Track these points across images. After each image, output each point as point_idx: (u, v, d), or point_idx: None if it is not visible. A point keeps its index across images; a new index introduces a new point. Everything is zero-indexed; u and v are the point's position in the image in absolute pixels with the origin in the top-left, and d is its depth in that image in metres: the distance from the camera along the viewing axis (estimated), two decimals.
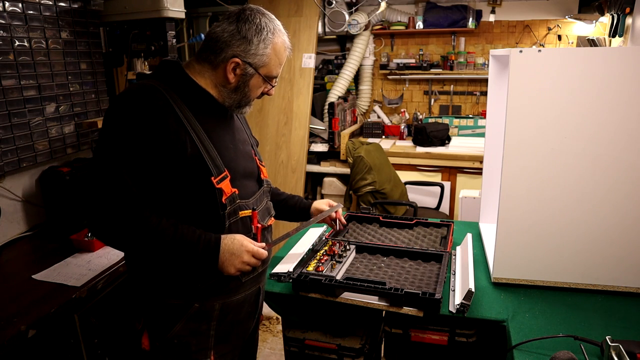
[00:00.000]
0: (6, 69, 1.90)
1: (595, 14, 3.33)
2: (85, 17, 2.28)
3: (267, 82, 1.27)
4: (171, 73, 1.24)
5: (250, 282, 1.34)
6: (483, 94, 4.06)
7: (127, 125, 1.14)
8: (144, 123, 1.13)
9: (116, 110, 1.17)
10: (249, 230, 1.30)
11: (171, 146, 1.15)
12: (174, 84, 1.22)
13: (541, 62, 1.32)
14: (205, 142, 1.20)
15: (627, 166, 1.34)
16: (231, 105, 1.28)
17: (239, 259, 1.21)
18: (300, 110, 3.58)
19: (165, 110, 1.16)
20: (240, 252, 1.21)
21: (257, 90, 1.28)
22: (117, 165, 1.12)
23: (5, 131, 1.91)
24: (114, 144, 1.14)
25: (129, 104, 1.16)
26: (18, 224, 2.06)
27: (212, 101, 1.26)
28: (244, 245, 1.21)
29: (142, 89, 1.18)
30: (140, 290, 1.30)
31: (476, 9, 3.83)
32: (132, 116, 1.14)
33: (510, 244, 1.46)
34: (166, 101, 1.17)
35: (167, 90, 1.19)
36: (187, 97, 1.21)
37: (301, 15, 3.64)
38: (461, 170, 3.52)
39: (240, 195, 1.26)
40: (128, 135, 1.13)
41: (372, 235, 1.88)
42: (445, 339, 1.47)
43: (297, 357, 1.64)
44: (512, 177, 1.41)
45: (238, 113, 1.34)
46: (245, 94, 1.27)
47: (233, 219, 1.25)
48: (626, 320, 1.30)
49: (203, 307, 1.26)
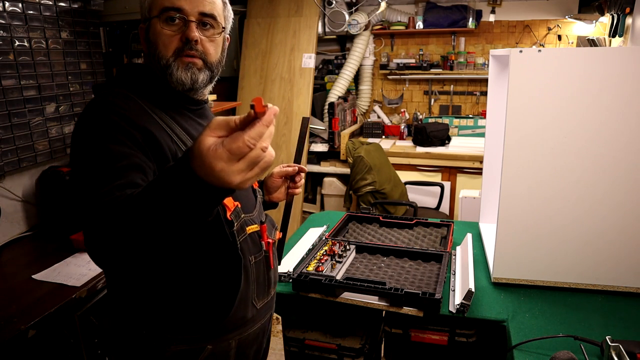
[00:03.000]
0: (6, 69, 1.90)
1: (595, 14, 3.33)
2: (85, 17, 2.28)
3: (166, 21, 0.97)
4: (136, 76, 1.03)
5: (265, 309, 1.15)
6: (483, 94, 4.06)
7: (108, 143, 0.86)
8: (126, 136, 0.88)
9: (88, 131, 0.89)
10: (259, 247, 1.10)
11: (162, 156, 0.93)
12: (142, 88, 1.01)
13: (541, 62, 1.32)
14: None
15: (627, 166, 1.34)
16: (174, 80, 0.99)
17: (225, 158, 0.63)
18: (300, 111, 3.58)
19: (147, 120, 0.94)
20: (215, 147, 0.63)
21: (166, 39, 0.98)
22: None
23: (5, 131, 1.91)
24: (94, 172, 0.84)
25: (103, 119, 0.89)
26: (18, 224, 2.06)
27: (183, 98, 1.04)
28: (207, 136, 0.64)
29: (110, 98, 0.94)
30: (132, 342, 1.02)
31: (476, 9, 3.83)
32: (112, 133, 0.87)
33: (510, 244, 1.46)
34: (142, 109, 0.96)
35: (140, 97, 0.98)
36: (160, 101, 1.01)
37: (301, 15, 3.64)
38: (461, 170, 3.52)
39: (243, 208, 1.07)
40: (112, 154, 0.85)
41: (372, 235, 1.88)
42: (445, 339, 1.46)
43: (297, 357, 1.64)
44: (512, 177, 1.41)
45: (192, 92, 1.04)
46: (155, 49, 0.99)
47: (242, 237, 1.04)
48: (626, 320, 1.30)
49: (217, 348, 1.03)
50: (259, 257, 1.09)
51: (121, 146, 0.86)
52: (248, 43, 3.73)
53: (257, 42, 3.71)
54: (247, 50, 3.73)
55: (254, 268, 1.08)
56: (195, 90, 1.05)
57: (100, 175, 0.82)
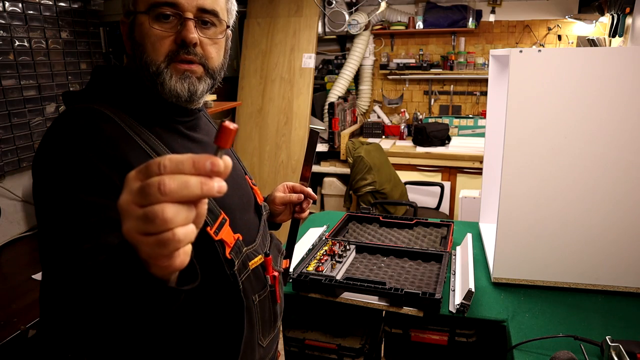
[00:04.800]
0: (6, 69, 1.90)
1: (595, 14, 3.33)
2: (85, 17, 2.28)
3: (157, 18, 0.79)
4: (116, 84, 0.85)
5: (271, 343, 1.01)
6: (483, 94, 4.06)
7: (78, 191, 0.71)
8: (100, 179, 0.72)
9: (56, 171, 0.73)
10: (264, 282, 0.94)
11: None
12: (123, 100, 0.83)
13: (541, 62, 1.32)
14: None
15: (627, 166, 1.34)
16: (166, 91, 0.82)
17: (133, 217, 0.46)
18: (300, 110, 3.58)
19: (127, 146, 0.77)
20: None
21: (156, 40, 0.80)
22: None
23: (5, 131, 1.92)
24: (67, 207, 0.70)
25: (73, 155, 0.72)
26: (18, 224, 2.06)
27: (173, 110, 0.87)
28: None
29: (83, 115, 0.77)
30: None
31: (476, 9, 3.83)
32: (83, 176, 0.72)
33: (510, 244, 1.46)
34: (122, 132, 0.78)
35: (119, 112, 0.80)
36: (146, 116, 0.83)
37: (301, 15, 3.64)
38: (461, 170, 3.52)
39: (245, 239, 0.90)
40: (82, 187, 0.71)
41: (372, 235, 1.88)
42: (445, 339, 1.46)
43: (297, 357, 1.64)
44: (512, 177, 1.41)
45: (187, 103, 0.87)
46: (142, 52, 0.81)
47: (244, 275, 0.88)
48: (626, 320, 1.30)
49: None
50: (263, 294, 0.93)
51: (94, 195, 0.71)
52: (248, 43, 3.73)
53: (257, 42, 3.71)
54: (247, 50, 3.73)
55: (258, 307, 0.92)
56: (192, 102, 0.87)
57: (68, 237, 0.68)
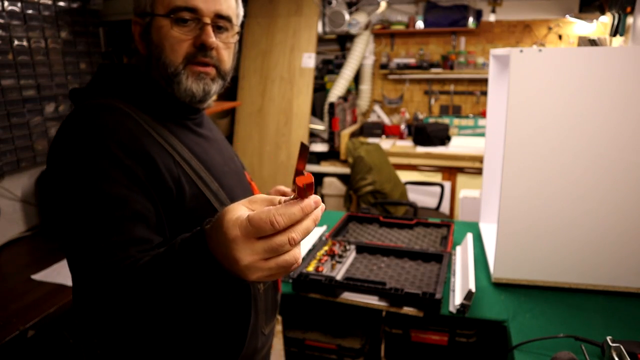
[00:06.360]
0: (5, 69, 1.90)
1: (596, 14, 3.32)
2: (84, 16, 2.28)
3: (177, 22, 0.85)
4: (131, 82, 0.90)
5: (271, 332, 1.05)
6: (483, 93, 4.06)
7: (101, 183, 0.74)
8: (123, 171, 0.75)
9: (76, 164, 0.75)
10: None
11: (165, 189, 0.80)
12: (138, 98, 0.88)
13: (542, 62, 1.31)
14: (201, 172, 0.86)
15: (628, 166, 1.34)
16: (181, 90, 0.88)
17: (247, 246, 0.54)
18: (300, 110, 3.58)
19: (146, 141, 0.81)
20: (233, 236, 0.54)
21: (176, 43, 0.85)
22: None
23: (4, 131, 1.91)
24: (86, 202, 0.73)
25: (94, 147, 0.75)
26: (17, 224, 2.06)
27: (185, 109, 0.94)
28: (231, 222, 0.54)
29: (103, 110, 0.80)
30: None
31: (476, 9, 3.82)
32: (105, 168, 0.74)
33: (510, 244, 1.46)
34: (140, 127, 0.82)
35: (135, 109, 0.85)
36: (160, 113, 0.89)
37: (301, 15, 3.63)
38: (461, 170, 3.52)
39: None
40: (105, 182, 0.74)
41: (372, 235, 1.87)
42: (445, 339, 1.46)
43: (297, 357, 1.64)
44: (512, 176, 1.40)
45: (199, 103, 0.94)
46: (161, 53, 0.86)
47: None
48: (627, 321, 1.30)
49: None
50: (267, 282, 0.96)
51: (118, 187, 0.74)
52: (248, 43, 3.73)
53: (257, 41, 3.71)
54: (247, 50, 3.73)
55: (263, 296, 0.96)
56: (204, 102, 0.94)
57: (96, 230, 0.71)
